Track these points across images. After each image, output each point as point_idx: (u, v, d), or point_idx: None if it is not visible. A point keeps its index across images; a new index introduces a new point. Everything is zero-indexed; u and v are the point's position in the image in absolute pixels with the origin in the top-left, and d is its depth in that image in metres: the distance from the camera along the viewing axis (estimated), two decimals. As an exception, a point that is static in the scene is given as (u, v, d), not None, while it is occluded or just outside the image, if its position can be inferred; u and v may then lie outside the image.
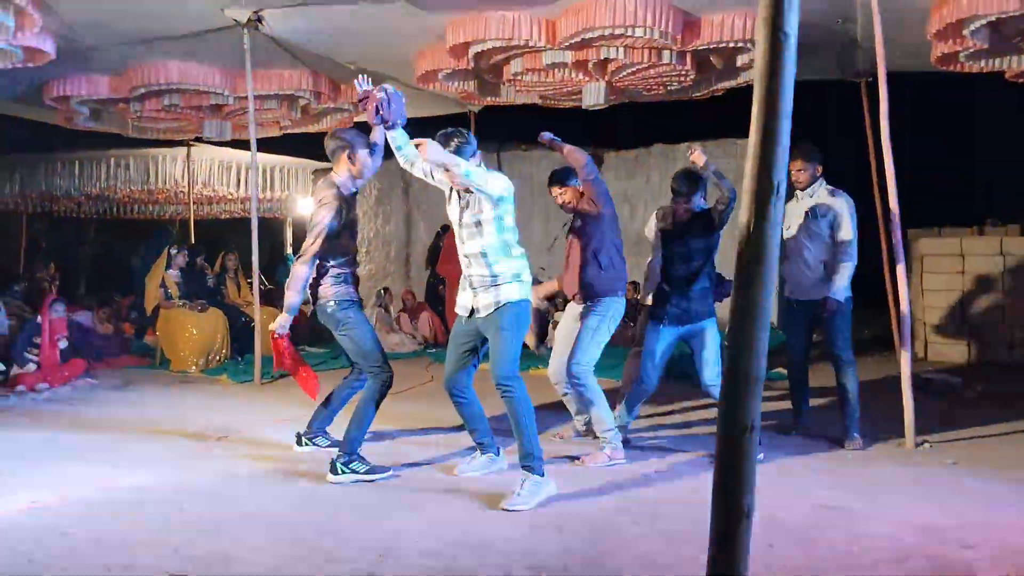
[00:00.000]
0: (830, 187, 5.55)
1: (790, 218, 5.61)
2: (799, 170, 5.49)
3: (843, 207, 5.46)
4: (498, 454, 4.78)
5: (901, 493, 4.35)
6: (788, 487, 4.39)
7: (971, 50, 6.95)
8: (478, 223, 4.36)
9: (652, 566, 3.33)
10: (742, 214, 1.69)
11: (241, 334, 9.35)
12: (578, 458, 4.97)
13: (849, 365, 5.40)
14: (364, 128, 5.26)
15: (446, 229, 11.30)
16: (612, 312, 5.12)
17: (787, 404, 6.00)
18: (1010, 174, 10.71)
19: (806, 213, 5.51)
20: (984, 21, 6.31)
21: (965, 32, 6.54)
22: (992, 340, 9.25)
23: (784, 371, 6.65)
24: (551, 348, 5.63)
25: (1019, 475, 4.62)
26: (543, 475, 4.18)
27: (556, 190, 5.40)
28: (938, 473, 4.70)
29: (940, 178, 10.45)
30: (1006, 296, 9.21)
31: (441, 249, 11.18)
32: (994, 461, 4.95)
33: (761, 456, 4.55)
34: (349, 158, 4.90)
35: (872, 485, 4.47)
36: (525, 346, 4.52)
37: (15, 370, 7.80)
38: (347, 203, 4.90)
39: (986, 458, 5.04)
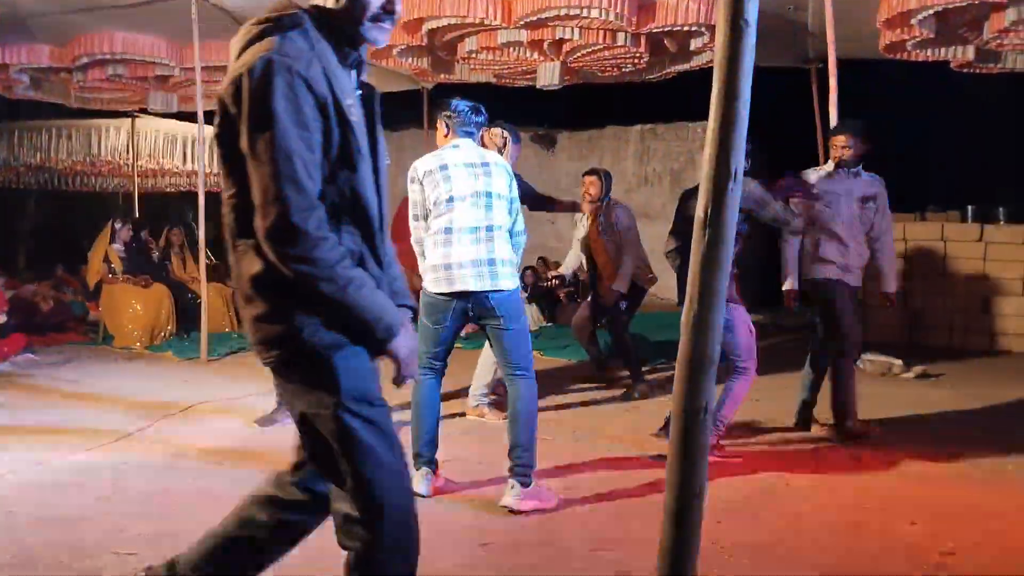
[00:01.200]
0: (866, 172, 5.36)
1: (836, 199, 5.26)
2: (843, 146, 5.24)
3: (884, 193, 5.36)
4: None
5: (842, 471, 4.46)
6: (736, 466, 4.48)
7: (918, 39, 7.08)
8: None
9: (602, 541, 3.39)
10: (700, 199, 1.71)
11: (187, 311, 9.21)
12: None
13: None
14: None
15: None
16: None
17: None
18: (951, 161, 10.98)
19: (861, 200, 5.27)
20: (931, 11, 6.43)
21: (913, 21, 6.66)
22: (932, 323, 9.49)
23: None
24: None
25: (954, 453, 4.77)
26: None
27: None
28: (879, 452, 4.83)
29: (886, 164, 10.62)
30: (946, 280, 9.45)
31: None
32: (932, 442, 5.09)
33: None
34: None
35: (814, 465, 4.58)
36: None
37: (-49, 345, 7.59)
38: None
39: (924, 438, 5.18)
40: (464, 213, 3.95)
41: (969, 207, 9.53)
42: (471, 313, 3.94)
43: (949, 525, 3.63)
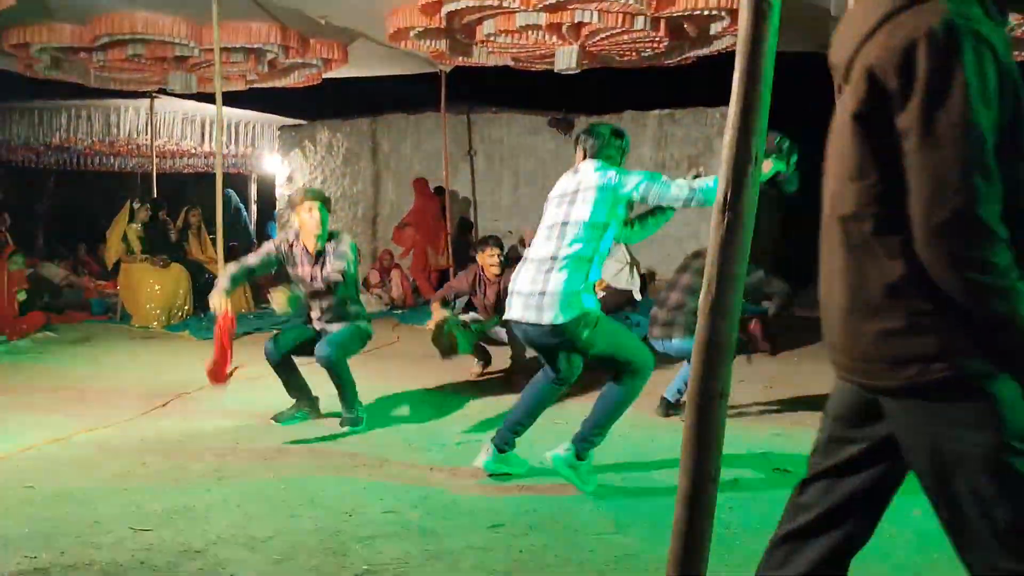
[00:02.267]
0: None
1: None
2: None
3: None
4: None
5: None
6: (747, 452, 4.47)
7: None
8: None
9: (613, 524, 3.39)
10: (720, 183, 1.70)
11: (203, 291, 9.26)
12: None
13: None
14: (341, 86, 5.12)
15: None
16: None
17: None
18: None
19: None
20: None
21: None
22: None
23: None
24: None
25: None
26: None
27: None
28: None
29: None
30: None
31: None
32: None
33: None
34: None
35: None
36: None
37: (-29, 322, 7.68)
38: None
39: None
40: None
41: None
42: None
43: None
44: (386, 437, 4.71)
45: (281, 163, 14.57)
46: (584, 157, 3.96)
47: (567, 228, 3.74)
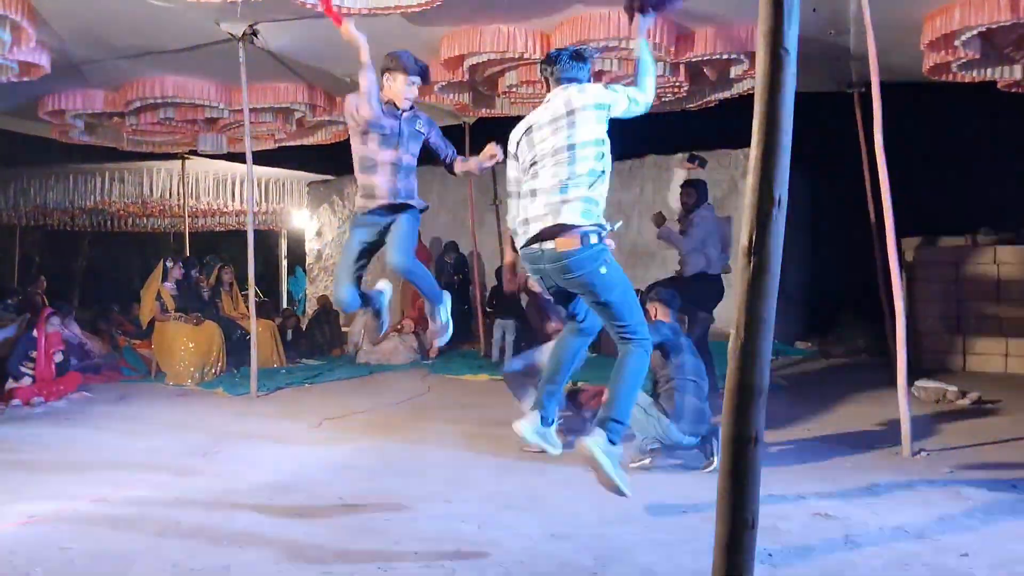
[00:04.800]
0: None
1: None
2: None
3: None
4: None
5: (898, 501, 4.36)
6: (786, 495, 4.40)
7: (963, 60, 7.00)
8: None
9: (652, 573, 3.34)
10: (743, 227, 1.70)
11: (236, 347, 9.35)
12: None
13: None
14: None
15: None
16: None
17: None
18: (1003, 183, 10.77)
19: None
20: (975, 31, 6.36)
21: (957, 43, 6.59)
22: (985, 350, 9.27)
23: None
24: None
25: (1015, 482, 4.64)
26: None
27: None
28: (935, 481, 4.71)
29: (934, 188, 10.48)
30: (1000, 305, 9.24)
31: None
32: (990, 469, 4.96)
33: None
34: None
35: (869, 493, 4.48)
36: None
37: (10, 383, 7.77)
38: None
39: (982, 466, 5.05)
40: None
41: (1023, 230, 9.34)
42: None
43: (1008, 559, 3.52)
44: (420, 489, 4.69)
45: (310, 218, 14.76)
46: (548, 88, 3.95)
47: (576, 151, 3.71)
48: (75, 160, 12.50)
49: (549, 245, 3.71)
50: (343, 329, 12.98)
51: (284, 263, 16.79)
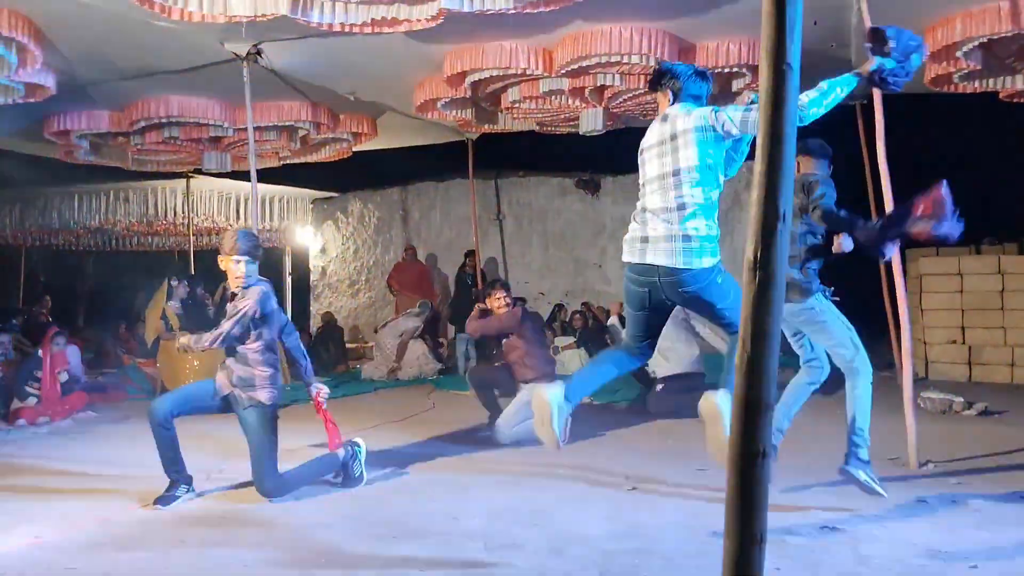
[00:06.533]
0: None
1: None
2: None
3: None
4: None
5: (905, 514, 4.34)
6: (792, 509, 4.38)
7: (965, 71, 7.02)
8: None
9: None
10: (749, 241, 1.71)
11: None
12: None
13: None
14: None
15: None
16: None
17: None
18: (1006, 193, 10.78)
19: None
20: (977, 42, 6.38)
21: (958, 54, 6.61)
22: (992, 359, 9.25)
23: None
24: None
25: (1023, 493, 4.62)
26: None
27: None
28: (942, 493, 4.69)
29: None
30: (1005, 314, 9.22)
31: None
32: (997, 481, 4.94)
33: None
34: None
35: (876, 506, 4.46)
36: None
37: (16, 404, 7.78)
38: None
39: (989, 478, 5.03)
40: None
41: (1026, 239, 9.35)
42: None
43: (1017, 572, 3.50)
44: (426, 506, 4.68)
45: (314, 235, 14.79)
46: (672, 101, 3.88)
47: (680, 176, 3.70)
48: (80, 180, 12.54)
49: (666, 263, 3.71)
50: (348, 346, 13.01)
51: (288, 280, 16.82)
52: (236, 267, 4.86)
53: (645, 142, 3.93)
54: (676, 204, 3.68)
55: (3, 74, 6.86)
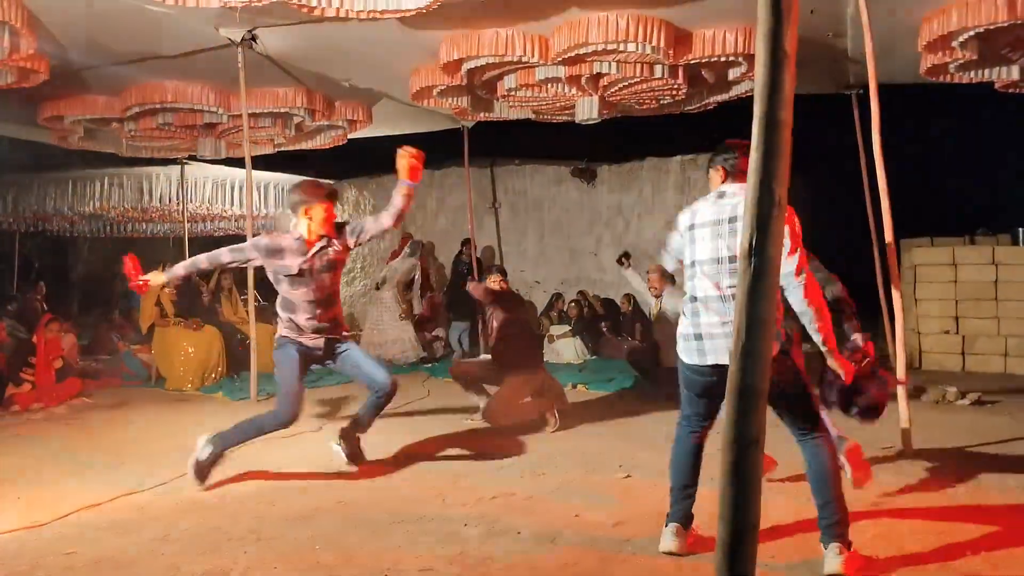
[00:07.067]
0: None
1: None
2: None
3: None
4: None
5: (899, 501, 4.36)
6: (787, 497, 4.40)
7: (960, 61, 7.02)
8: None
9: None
10: (744, 229, 1.71)
11: (236, 352, 9.35)
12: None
13: None
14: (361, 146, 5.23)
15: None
16: None
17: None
18: (1000, 184, 10.80)
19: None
20: (973, 32, 6.37)
21: (954, 44, 6.61)
22: (985, 349, 9.29)
23: None
24: None
25: (1014, 483, 4.64)
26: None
27: None
28: (933, 481, 4.72)
29: (932, 188, 10.52)
30: (999, 305, 9.26)
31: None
32: (989, 469, 4.97)
33: None
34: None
35: (870, 493, 4.48)
36: None
37: (10, 389, 7.77)
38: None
39: (981, 466, 5.06)
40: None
41: (1020, 229, 9.36)
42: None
43: (1009, 557, 3.53)
44: (421, 493, 4.69)
45: (309, 223, 14.72)
46: (724, 179, 3.65)
47: (737, 264, 3.43)
48: (74, 166, 12.48)
49: None
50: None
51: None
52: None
53: (697, 218, 3.64)
54: (730, 294, 3.44)
55: (-4, 58, 6.81)
